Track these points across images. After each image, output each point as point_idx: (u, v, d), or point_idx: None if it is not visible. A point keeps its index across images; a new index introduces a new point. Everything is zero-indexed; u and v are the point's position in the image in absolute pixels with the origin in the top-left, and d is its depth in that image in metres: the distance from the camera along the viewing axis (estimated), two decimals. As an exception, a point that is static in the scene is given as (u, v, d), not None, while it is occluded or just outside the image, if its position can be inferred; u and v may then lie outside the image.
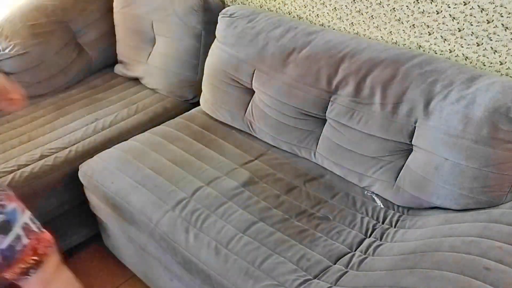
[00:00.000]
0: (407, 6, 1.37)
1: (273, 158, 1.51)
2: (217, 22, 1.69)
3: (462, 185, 1.16)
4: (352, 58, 1.35)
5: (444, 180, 1.18)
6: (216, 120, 1.71)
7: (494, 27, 1.22)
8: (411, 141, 1.25)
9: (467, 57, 1.32)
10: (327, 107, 1.40)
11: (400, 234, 1.19)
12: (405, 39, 1.43)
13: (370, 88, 1.30)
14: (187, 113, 1.77)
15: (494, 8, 1.20)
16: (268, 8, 1.79)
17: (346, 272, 1.10)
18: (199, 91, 1.80)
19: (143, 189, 1.37)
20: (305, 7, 1.66)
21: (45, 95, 1.94)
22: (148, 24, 1.94)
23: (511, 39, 1.21)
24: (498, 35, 1.23)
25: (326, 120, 1.43)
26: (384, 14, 1.44)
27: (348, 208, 1.31)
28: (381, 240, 1.20)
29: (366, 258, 1.13)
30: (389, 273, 1.01)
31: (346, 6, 1.52)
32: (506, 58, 1.24)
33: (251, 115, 1.59)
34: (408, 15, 1.38)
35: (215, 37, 1.70)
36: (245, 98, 1.61)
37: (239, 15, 1.63)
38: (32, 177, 1.50)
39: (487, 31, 1.24)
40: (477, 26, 1.25)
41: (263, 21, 1.57)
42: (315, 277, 1.09)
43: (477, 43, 1.28)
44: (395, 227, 1.24)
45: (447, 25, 1.31)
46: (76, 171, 1.55)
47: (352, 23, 1.54)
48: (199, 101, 1.79)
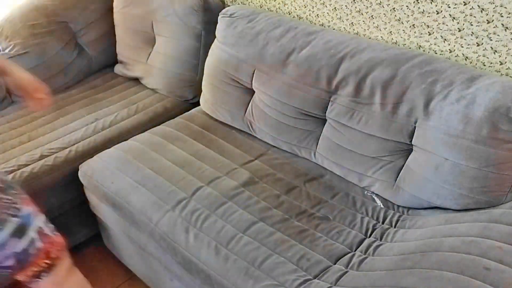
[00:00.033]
0: (407, 6, 1.37)
1: (273, 158, 1.51)
2: (217, 22, 1.69)
3: (462, 185, 1.16)
4: (352, 58, 1.35)
5: (444, 180, 1.18)
6: (216, 120, 1.71)
7: (494, 27, 1.22)
8: (411, 141, 1.25)
9: (467, 57, 1.32)
10: (327, 107, 1.40)
11: (400, 234, 1.19)
12: (405, 39, 1.43)
13: (370, 88, 1.30)
14: (187, 113, 1.77)
15: (494, 8, 1.20)
16: (268, 8, 1.79)
17: (346, 272, 1.09)
18: (199, 91, 1.80)
19: (143, 189, 1.37)
20: (305, 7, 1.66)
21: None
22: (148, 24, 1.94)
23: (511, 39, 1.21)
24: (498, 35, 1.23)
25: (326, 120, 1.43)
26: (384, 14, 1.44)
27: (348, 208, 1.31)
28: (381, 240, 1.20)
29: (366, 258, 1.13)
30: (389, 273, 1.01)
31: (346, 6, 1.52)
32: (506, 58, 1.24)
33: (251, 115, 1.59)
34: (408, 15, 1.38)
35: (215, 37, 1.70)
36: (245, 98, 1.61)
37: (239, 15, 1.63)
38: (32, 177, 1.50)
39: (487, 31, 1.24)
40: (477, 26, 1.25)
41: (263, 21, 1.57)
42: (315, 277, 1.09)
43: (477, 43, 1.28)
44: (395, 227, 1.24)
45: (447, 25, 1.31)
46: (76, 171, 1.55)
47: (352, 23, 1.54)
48: (199, 101, 1.79)
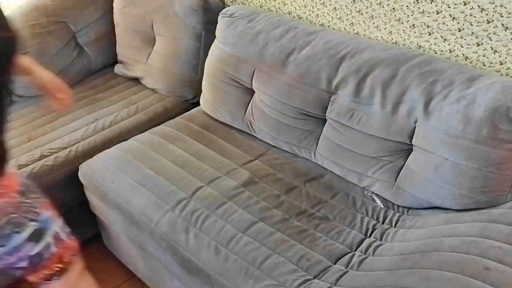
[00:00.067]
0: (407, 6, 1.37)
1: (273, 158, 1.51)
2: (217, 22, 1.69)
3: (462, 185, 1.16)
4: (352, 58, 1.35)
5: (444, 180, 1.18)
6: (216, 120, 1.71)
7: (494, 27, 1.22)
8: (411, 141, 1.25)
9: (467, 57, 1.32)
10: (327, 107, 1.40)
11: (400, 234, 1.19)
12: (405, 39, 1.43)
13: (370, 88, 1.30)
14: (187, 113, 1.77)
15: (494, 8, 1.20)
16: (268, 8, 1.79)
17: (346, 272, 1.09)
18: (199, 91, 1.80)
19: (143, 189, 1.37)
20: (305, 7, 1.66)
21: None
22: (148, 24, 1.94)
23: (511, 39, 1.21)
24: (498, 35, 1.23)
25: (326, 120, 1.43)
26: (384, 14, 1.44)
27: (348, 208, 1.31)
28: (381, 240, 1.20)
29: (366, 258, 1.13)
30: (389, 273, 1.01)
31: (346, 6, 1.52)
32: (506, 58, 1.24)
33: (251, 115, 1.59)
34: (408, 15, 1.38)
35: (215, 37, 1.70)
36: (245, 98, 1.61)
37: (239, 15, 1.63)
38: (32, 177, 1.50)
39: (487, 31, 1.24)
40: (477, 26, 1.25)
41: (263, 21, 1.57)
42: (315, 277, 1.09)
43: (477, 43, 1.28)
44: (395, 227, 1.24)
45: (447, 25, 1.31)
46: (76, 171, 1.55)
47: (352, 23, 1.54)
48: (199, 101, 1.79)
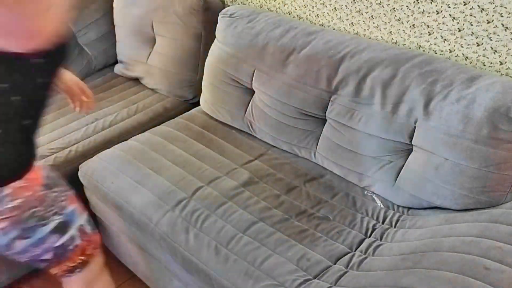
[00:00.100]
0: (407, 6, 1.37)
1: (273, 158, 1.51)
2: (217, 22, 1.69)
3: (462, 185, 1.16)
4: (352, 58, 1.35)
5: (444, 180, 1.18)
6: (216, 120, 1.71)
7: (494, 27, 1.22)
8: (411, 141, 1.25)
9: (467, 57, 1.32)
10: (327, 107, 1.40)
11: (400, 234, 1.19)
12: (405, 39, 1.43)
13: (370, 88, 1.30)
14: (187, 113, 1.77)
15: (494, 8, 1.20)
16: (268, 8, 1.79)
17: (346, 272, 1.10)
18: (199, 91, 1.80)
19: (143, 189, 1.37)
20: (305, 7, 1.66)
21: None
22: (148, 24, 1.94)
23: (511, 39, 1.21)
24: (498, 35, 1.23)
25: (326, 120, 1.43)
26: (384, 14, 1.44)
27: (348, 208, 1.31)
28: (381, 240, 1.20)
29: (366, 258, 1.13)
30: (389, 273, 1.01)
31: (346, 6, 1.52)
32: (506, 58, 1.24)
33: (251, 115, 1.59)
34: (408, 15, 1.38)
35: (215, 37, 1.70)
36: (245, 98, 1.61)
37: (239, 15, 1.63)
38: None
39: (487, 31, 1.24)
40: (477, 26, 1.25)
41: (263, 21, 1.57)
42: (315, 277, 1.09)
43: (477, 43, 1.28)
44: (395, 227, 1.24)
45: (447, 25, 1.31)
46: (76, 171, 1.55)
47: (352, 23, 1.54)
48: (199, 101, 1.79)
